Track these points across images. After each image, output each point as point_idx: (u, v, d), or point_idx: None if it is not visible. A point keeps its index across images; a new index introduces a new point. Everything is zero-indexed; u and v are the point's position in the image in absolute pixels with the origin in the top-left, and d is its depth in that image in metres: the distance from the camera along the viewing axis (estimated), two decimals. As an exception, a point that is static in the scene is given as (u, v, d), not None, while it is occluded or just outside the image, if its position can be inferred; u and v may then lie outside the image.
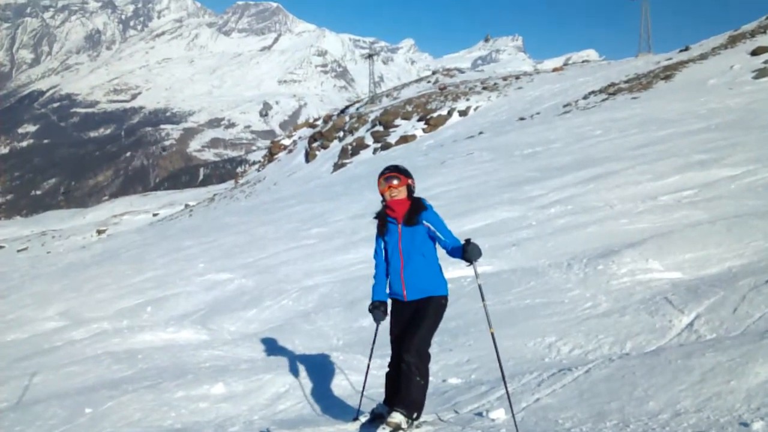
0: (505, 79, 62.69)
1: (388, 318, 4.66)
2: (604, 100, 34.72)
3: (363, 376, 6.37)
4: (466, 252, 4.25)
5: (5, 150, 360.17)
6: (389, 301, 4.71)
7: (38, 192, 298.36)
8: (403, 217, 4.51)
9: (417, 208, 4.49)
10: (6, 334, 12.97)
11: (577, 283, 7.77)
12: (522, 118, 38.15)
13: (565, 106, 37.58)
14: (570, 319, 6.82)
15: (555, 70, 65.21)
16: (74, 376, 8.00)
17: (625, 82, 39.59)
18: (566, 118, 30.72)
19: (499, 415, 4.49)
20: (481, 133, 37.21)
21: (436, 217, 4.47)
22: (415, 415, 4.35)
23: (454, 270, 9.98)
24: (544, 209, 12.95)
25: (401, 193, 4.51)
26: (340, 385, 6.19)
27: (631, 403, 4.35)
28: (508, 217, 13.22)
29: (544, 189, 14.99)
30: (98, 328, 11.57)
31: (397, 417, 4.26)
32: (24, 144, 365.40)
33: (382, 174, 4.57)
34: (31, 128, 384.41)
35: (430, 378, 6.13)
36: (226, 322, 10.51)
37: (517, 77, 62.40)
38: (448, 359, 6.62)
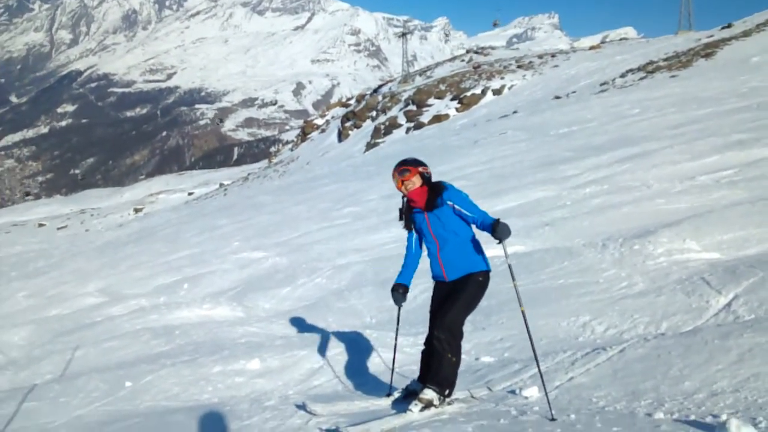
0: (540, 57, 61.73)
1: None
2: (642, 78, 34.00)
3: (397, 353, 6.44)
4: (496, 231, 4.24)
5: (45, 129, 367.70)
6: (412, 285, 4.95)
7: (77, 171, 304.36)
8: (426, 204, 4.56)
9: (435, 191, 4.53)
10: (48, 310, 13.35)
11: (612, 263, 7.69)
12: (557, 97, 37.59)
13: (601, 84, 36.92)
14: (605, 298, 6.77)
15: (592, 48, 63.99)
16: (114, 350, 8.21)
17: (664, 60, 38.70)
18: (603, 97, 30.19)
19: (533, 393, 4.49)
20: (515, 112, 36.79)
21: (459, 195, 4.47)
22: (447, 392, 4.37)
23: (487, 249, 9.95)
24: (579, 189, 12.80)
25: (416, 183, 4.55)
26: (373, 362, 6.25)
27: (666, 382, 4.32)
28: (542, 197, 13.10)
29: (579, 169, 14.80)
30: (136, 304, 11.83)
31: (429, 394, 4.31)
32: (63, 123, 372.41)
33: (394, 170, 4.64)
34: (70, 108, 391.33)
35: (463, 356, 6.18)
36: (261, 299, 10.65)
37: (553, 55, 61.38)
38: (481, 338, 6.63)
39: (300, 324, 8.39)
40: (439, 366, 4.36)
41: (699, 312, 5.90)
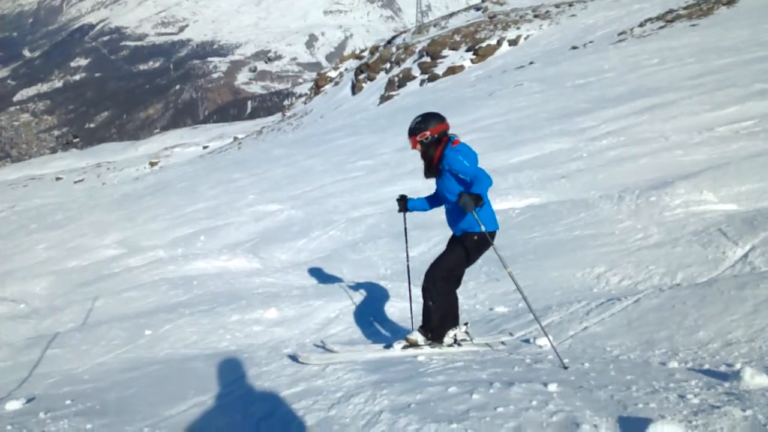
0: (557, 6, 60.34)
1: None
2: (661, 27, 33.20)
3: (409, 303, 6.50)
4: (458, 203, 4.32)
5: (59, 84, 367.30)
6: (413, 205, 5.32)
7: (92, 125, 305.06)
8: (425, 171, 4.87)
9: (429, 162, 4.76)
10: (68, 261, 13.56)
11: (628, 215, 7.65)
12: (574, 47, 36.88)
13: (619, 34, 36.11)
14: (620, 250, 6.76)
15: (611, -4, 62.37)
16: (133, 300, 8.36)
17: (684, 8, 37.66)
18: (621, 47, 29.57)
19: (546, 342, 4.53)
20: (531, 63, 36.18)
21: (455, 158, 4.49)
22: (429, 335, 4.67)
23: (501, 202, 9.94)
24: (595, 141, 12.66)
25: (420, 151, 4.77)
26: (388, 312, 6.32)
27: (680, 332, 4.33)
28: (557, 149, 12.98)
29: (595, 120, 14.61)
30: (154, 256, 11.99)
31: (414, 335, 4.71)
32: (77, 77, 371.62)
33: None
34: (83, 62, 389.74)
35: (477, 306, 6.24)
36: (277, 251, 10.74)
37: (570, 4, 59.95)
38: (495, 289, 6.67)
39: (316, 275, 8.47)
40: (425, 313, 4.75)
41: (715, 263, 5.88)
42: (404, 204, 5.27)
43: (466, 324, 4.87)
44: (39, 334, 7.84)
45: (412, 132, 4.74)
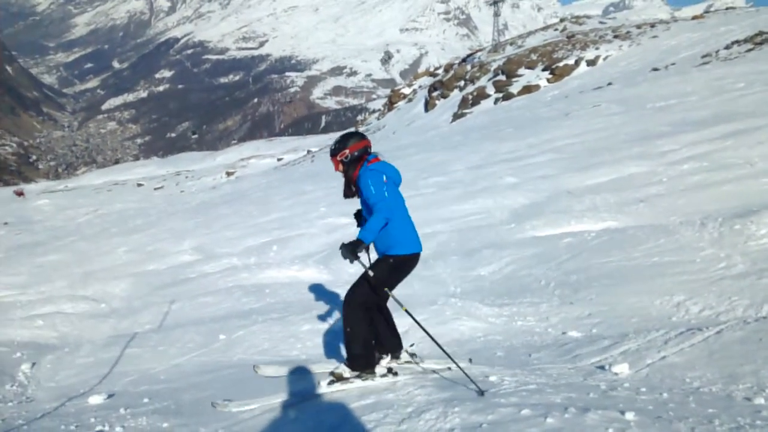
0: (638, 27, 58.99)
1: None
2: (749, 50, 31.96)
3: (479, 322, 6.45)
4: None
5: (144, 94, 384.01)
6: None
7: (173, 134, 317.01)
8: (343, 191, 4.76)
9: (349, 182, 4.64)
10: (146, 264, 14.08)
11: (710, 243, 7.37)
12: (655, 69, 35.92)
13: (704, 56, 34.97)
14: (701, 279, 6.52)
15: (695, 17, 60.54)
16: (208, 305, 8.61)
17: (776, 30, 36.16)
18: (705, 70, 28.62)
19: (623, 369, 4.41)
20: (610, 83, 35.45)
21: (364, 183, 4.41)
22: (354, 365, 4.51)
23: (577, 224, 9.77)
24: (676, 165, 12.27)
25: (342, 171, 4.65)
26: (458, 330, 6.28)
27: (767, 366, 4.14)
28: (636, 172, 12.64)
29: (676, 144, 14.17)
30: (228, 263, 12.30)
31: (340, 368, 4.56)
32: (161, 89, 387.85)
33: None
34: (167, 74, 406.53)
35: (549, 329, 6.13)
36: (346, 264, 10.83)
37: (652, 25, 58.49)
38: (568, 312, 6.54)
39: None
40: (345, 341, 4.59)
41: (805, 297, 5.59)
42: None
43: (411, 345, 4.81)
44: (118, 333, 8.18)
45: (333, 153, 4.65)
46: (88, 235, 24.50)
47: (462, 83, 60.83)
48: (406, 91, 75.08)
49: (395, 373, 4.53)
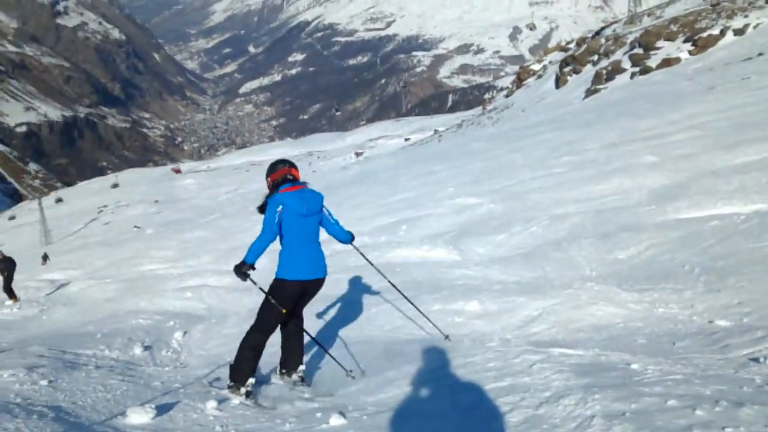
0: (797, -11, 53.78)
1: None
2: None
3: (618, 307, 6.20)
4: None
5: (278, 77, 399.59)
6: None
7: (305, 116, 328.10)
8: None
9: (261, 205, 5.11)
10: (282, 242, 14.73)
11: None
12: (817, 36, 32.67)
13: None
14: None
15: None
16: (342, 282, 8.87)
17: None
18: None
19: (783, 364, 4.10)
20: (760, 54, 32.67)
21: (267, 213, 4.92)
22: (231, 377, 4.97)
23: (724, 206, 9.16)
24: (842, 141, 11.17)
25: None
26: (595, 315, 6.08)
27: None
28: (793, 150, 11.63)
29: (843, 118, 12.87)
30: (359, 241, 12.59)
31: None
32: (293, 72, 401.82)
33: None
34: (299, 57, 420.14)
35: (694, 318, 5.81)
36: (475, 244, 10.77)
37: (814, -13, 53.14)
38: (715, 300, 6.14)
39: (516, 271, 8.39)
40: None
41: None
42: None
43: (302, 367, 5.18)
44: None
45: (267, 174, 5.22)
46: (229, 212, 25.98)
47: (595, 57, 58.29)
48: (536, 67, 73.02)
49: (251, 399, 4.79)
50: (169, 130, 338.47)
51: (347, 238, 5.56)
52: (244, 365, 4.88)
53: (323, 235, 5.23)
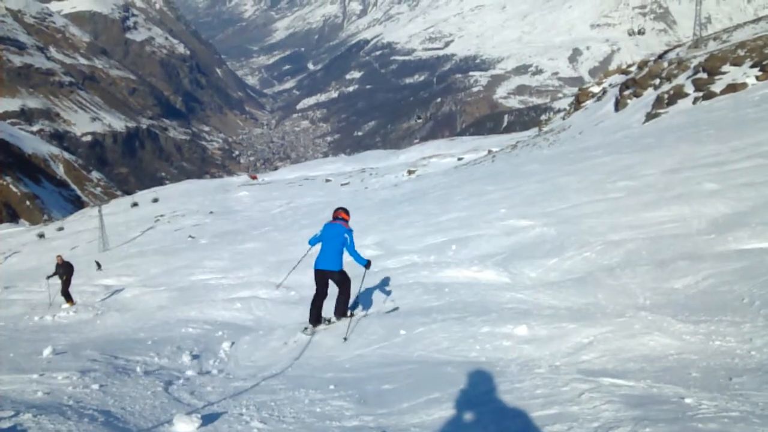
0: None
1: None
2: None
3: (672, 338, 6.00)
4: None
5: (335, 94, 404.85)
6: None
7: (360, 133, 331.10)
8: None
9: None
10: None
11: None
12: None
13: None
14: None
15: None
16: (388, 300, 8.85)
17: None
18: None
19: None
20: (834, 81, 31.45)
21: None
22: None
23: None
24: None
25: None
26: (647, 345, 5.90)
27: None
28: None
29: None
30: (408, 260, 12.59)
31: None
32: (350, 89, 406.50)
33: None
34: (357, 75, 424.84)
35: (752, 352, 5.58)
36: (527, 267, 10.62)
37: None
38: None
39: (568, 296, 8.22)
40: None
41: None
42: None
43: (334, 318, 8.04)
44: (304, 320, 8.68)
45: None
46: (281, 225, 26.30)
47: (657, 81, 57.14)
48: (595, 89, 71.99)
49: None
50: (227, 143, 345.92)
51: (361, 262, 8.04)
52: (311, 310, 7.97)
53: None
